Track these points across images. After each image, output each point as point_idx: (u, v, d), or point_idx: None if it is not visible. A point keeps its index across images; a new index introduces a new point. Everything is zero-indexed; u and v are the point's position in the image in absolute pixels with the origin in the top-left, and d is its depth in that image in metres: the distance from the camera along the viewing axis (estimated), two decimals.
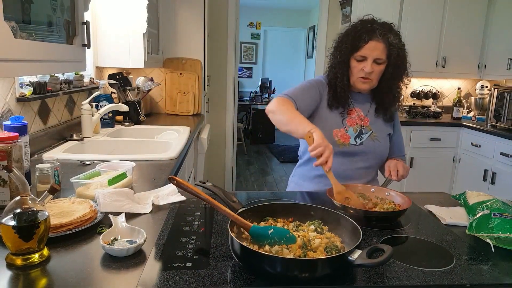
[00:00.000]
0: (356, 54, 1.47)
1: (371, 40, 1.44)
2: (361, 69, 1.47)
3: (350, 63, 1.50)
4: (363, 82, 1.50)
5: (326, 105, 1.56)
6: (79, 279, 0.78)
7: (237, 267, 0.84)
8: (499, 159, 3.19)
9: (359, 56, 1.46)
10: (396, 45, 1.47)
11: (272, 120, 1.45)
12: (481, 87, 3.99)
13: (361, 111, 1.59)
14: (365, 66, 1.46)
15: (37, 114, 1.86)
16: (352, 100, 1.58)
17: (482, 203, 1.15)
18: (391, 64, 1.48)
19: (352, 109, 1.58)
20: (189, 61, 3.37)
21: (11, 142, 1.07)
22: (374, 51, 1.44)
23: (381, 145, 1.57)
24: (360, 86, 1.52)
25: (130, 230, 0.96)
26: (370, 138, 1.56)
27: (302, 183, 1.64)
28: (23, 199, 0.84)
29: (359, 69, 1.48)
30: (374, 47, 1.44)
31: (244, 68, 8.36)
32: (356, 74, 1.49)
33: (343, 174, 1.51)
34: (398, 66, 1.49)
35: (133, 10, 2.60)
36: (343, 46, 1.49)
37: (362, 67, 1.47)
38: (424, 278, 0.83)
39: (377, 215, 1.14)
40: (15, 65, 1.15)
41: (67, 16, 1.50)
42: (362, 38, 1.45)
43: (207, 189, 1.15)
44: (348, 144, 1.53)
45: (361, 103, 1.60)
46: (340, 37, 1.54)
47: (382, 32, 1.45)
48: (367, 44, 1.44)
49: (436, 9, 3.71)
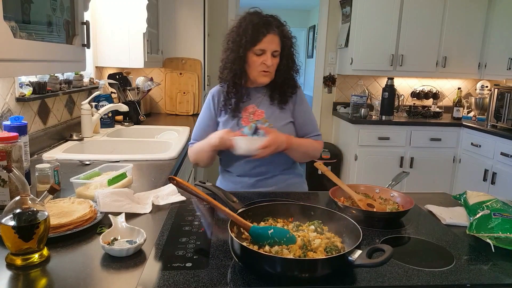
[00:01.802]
0: (255, 48, 1.45)
1: (269, 33, 1.45)
2: (261, 62, 1.46)
3: (247, 58, 1.48)
4: (264, 75, 1.50)
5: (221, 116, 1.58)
6: (79, 279, 0.78)
7: (237, 267, 0.84)
8: (499, 159, 3.19)
9: (258, 49, 1.45)
10: (289, 37, 1.50)
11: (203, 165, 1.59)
12: (481, 87, 3.99)
13: (254, 106, 1.56)
14: (265, 60, 1.45)
15: (36, 114, 1.86)
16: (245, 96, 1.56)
17: (482, 203, 1.15)
18: (285, 56, 1.50)
19: (244, 108, 1.55)
20: (189, 61, 3.36)
21: (11, 142, 1.07)
22: (272, 44, 1.45)
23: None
24: (261, 80, 1.51)
25: (130, 230, 0.96)
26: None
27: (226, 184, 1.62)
28: (23, 199, 0.84)
29: (259, 63, 1.47)
30: (272, 40, 1.45)
31: None
32: (257, 68, 1.48)
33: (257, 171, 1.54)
34: (291, 56, 1.52)
35: (133, 10, 2.60)
36: (243, 40, 1.45)
37: (262, 61, 1.46)
38: (424, 278, 0.83)
39: (379, 216, 1.14)
40: (15, 65, 1.15)
41: (67, 16, 1.50)
42: (261, 32, 1.44)
43: (207, 189, 1.15)
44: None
45: (253, 98, 1.57)
46: (236, 30, 1.49)
47: (276, 24, 1.47)
48: (265, 37, 1.44)
49: (436, 9, 3.71)
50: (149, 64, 2.84)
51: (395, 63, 3.77)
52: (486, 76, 3.87)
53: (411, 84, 4.21)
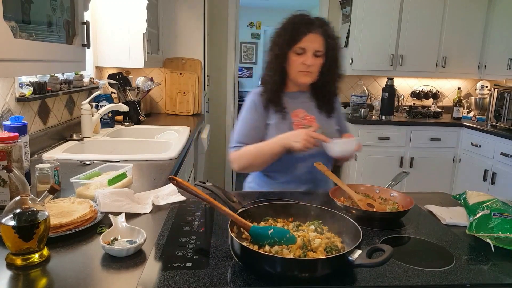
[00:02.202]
0: (295, 46, 1.42)
1: (310, 32, 1.42)
2: (301, 62, 1.43)
3: (288, 57, 1.45)
4: (305, 75, 1.46)
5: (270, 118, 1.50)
6: (79, 279, 0.78)
7: (237, 267, 0.84)
8: (499, 159, 3.19)
9: (298, 48, 1.42)
10: (333, 37, 1.46)
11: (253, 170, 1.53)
12: (481, 87, 3.99)
13: (303, 111, 1.52)
14: (305, 59, 1.42)
15: (37, 114, 1.86)
16: (290, 100, 1.52)
17: (482, 203, 1.15)
18: (329, 57, 1.46)
19: (292, 112, 1.51)
20: (189, 61, 3.36)
21: (11, 142, 1.07)
22: (314, 43, 1.42)
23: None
24: (301, 79, 1.47)
25: (130, 230, 0.96)
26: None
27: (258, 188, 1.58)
28: (23, 199, 0.84)
29: (299, 63, 1.43)
30: (313, 39, 1.42)
31: (244, 68, 8.35)
32: (297, 68, 1.45)
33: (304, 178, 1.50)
34: (335, 58, 1.48)
35: (133, 10, 2.60)
36: (281, 40, 1.44)
37: (302, 61, 1.43)
38: (424, 278, 0.83)
39: (380, 216, 1.14)
40: (15, 65, 1.15)
41: (67, 16, 1.50)
42: (301, 30, 1.41)
43: (207, 189, 1.15)
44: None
45: (299, 103, 1.54)
46: (277, 31, 1.48)
47: (319, 24, 1.44)
48: (306, 36, 1.41)
49: (436, 9, 3.71)
50: (149, 64, 2.84)
51: (395, 63, 3.77)
52: (486, 76, 3.87)
53: (411, 84, 4.21)
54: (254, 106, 1.52)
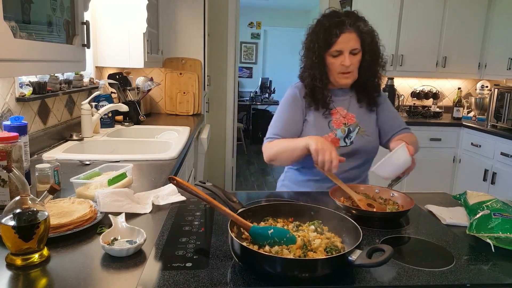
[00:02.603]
0: (331, 50, 1.42)
1: (343, 33, 1.40)
2: (339, 64, 1.43)
3: (326, 61, 1.45)
4: (346, 77, 1.46)
5: (309, 114, 1.52)
6: (79, 279, 0.78)
7: (237, 267, 0.84)
8: (499, 159, 3.19)
9: (334, 51, 1.42)
10: (368, 31, 1.44)
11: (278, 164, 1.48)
12: (481, 87, 3.99)
13: (343, 109, 1.53)
14: (343, 60, 1.41)
15: (36, 114, 1.86)
16: (331, 98, 1.53)
17: (482, 203, 1.15)
18: (367, 51, 1.45)
19: (333, 109, 1.52)
20: (189, 61, 3.36)
21: (11, 142, 1.07)
22: (349, 43, 1.41)
23: (371, 140, 1.52)
24: (342, 82, 1.47)
25: (130, 230, 0.96)
26: (360, 135, 1.51)
27: (292, 186, 1.61)
28: (23, 199, 0.84)
29: (337, 65, 1.43)
30: (347, 39, 1.41)
31: (244, 68, 8.35)
32: (336, 70, 1.45)
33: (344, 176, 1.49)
34: (373, 51, 1.47)
35: (133, 10, 2.60)
36: (316, 46, 1.44)
37: (340, 62, 1.42)
38: (424, 278, 0.83)
39: (380, 216, 1.14)
40: (15, 65, 1.15)
41: (67, 16, 1.50)
42: (333, 33, 1.40)
43: (207, 189, 1.15)
44: (338, 147, 1.48)
45: (340, 100, 1.54)
46: (309, 36, 1.48)
47: (351, 22, 1.42)
48: (339, 38, 1.40)
49: (436, 9, 3.71)
50: (149, 64, 2.84)
51: (395, 63, 3.77)
52: (486, 76, 3.87)
53: (411, 84, 4.21)
54: (294, 100, 1.52)
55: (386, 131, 1.57)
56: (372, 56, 1.47)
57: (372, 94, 1.54)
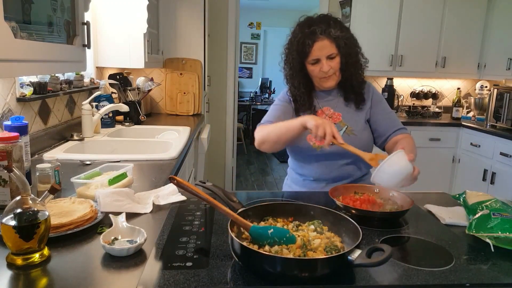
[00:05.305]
0: (308, 59, 1.46)
1: (316, 42, 1.43)
2: (319, 70, 1.47)
3: (306, 69, 1.49)
4: (327, 80, 1.50)
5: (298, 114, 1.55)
6: (79, 278, 0.79)
7: (237, 267, 0.84)
8: (498, 159, 3.19)
9: (311, 60, 1.46)
10: (340, 36, 1.46)
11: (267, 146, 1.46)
12: (480, 87, 3.99)
13: (330, 109, 1.56)
14: (322, 66, 1.45)
15: (37, 114, 1.87)
16: (318, 100, 1.57)
17: (481, 203, 1.15)
18: (343, 54, 1.47)
19: (319, 110, 1.56)
20: (189, 61, 3.37)
21: (12, 142, 1.07)
22: (323, 50, 1.43)
23: (357, 138, 1.51)
24: (326, 85, 1.51)
25: (130, 230, 0.96)
26: (346, 134, 1.52)
27: (294, 186, 1.63)
28: (23, 199, 0.84)
29: (317, 71, 1.47)
30: (321, 47, 1.43)
31: (244, 68, 8.36)
32: (317, 76, 1.49)
33: (328, 176, 1.52)
34: (349, 54, 1.49)
35: (133, 11, 2.61)
36: (291, 58, 1.50)
37: (319, 68, 1.46)
38: (424, 278, 0.83)
39: (379, 216, 1.14)
40: (16, 65, 1.15)
41: (68, 16, 1.50)
42: (306, 44, 1.43)
43: (207, 189, 1.15)
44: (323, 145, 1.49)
45: (327, 100, 1.57)
46: (286, 48, 1.53)
47: (321, 30, 1.44)
48: (313, 47, 1.43)
49: (435, 9, 3.72)
50: (150, 64, 2.84)
51: (394, 63, 3.78)
52: (486, 76, 3.87)
53: (410, 84, 4.21)
54: (284, 103, 1.58)
55: (382, 132, 1.58)
56: (349, 59, 1.49)
57: (357, 92, 1.56)
